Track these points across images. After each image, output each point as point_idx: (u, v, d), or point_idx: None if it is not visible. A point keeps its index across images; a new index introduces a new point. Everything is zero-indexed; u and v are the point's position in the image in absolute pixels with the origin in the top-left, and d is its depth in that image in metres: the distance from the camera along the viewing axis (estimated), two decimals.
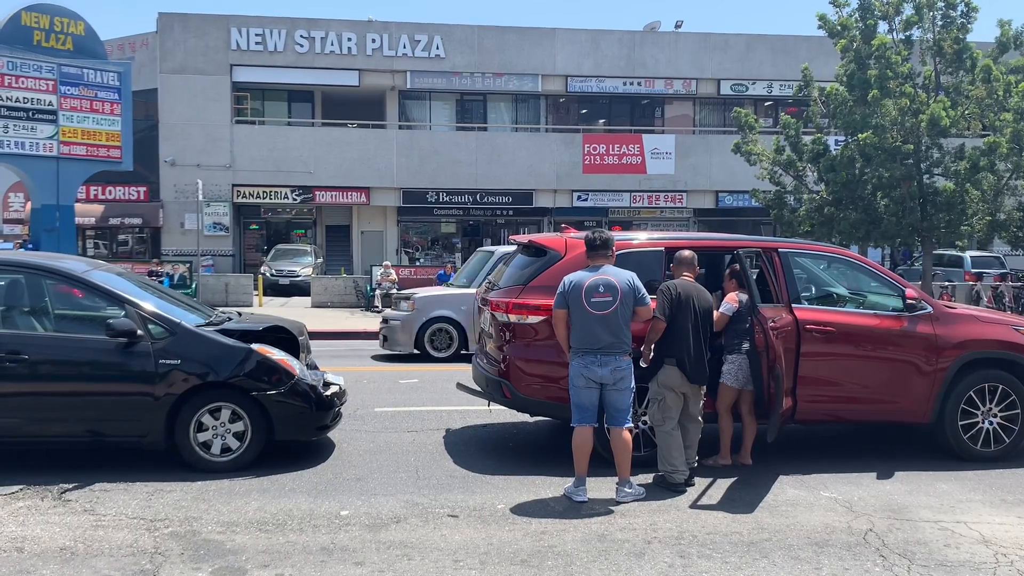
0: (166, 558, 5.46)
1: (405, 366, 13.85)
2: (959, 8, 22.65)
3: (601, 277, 6.72)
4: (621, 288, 6.66)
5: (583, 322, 6.65)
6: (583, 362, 6.67)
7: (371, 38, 34.89)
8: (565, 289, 6.75)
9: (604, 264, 6.86)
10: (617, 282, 6.69)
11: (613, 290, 6.64)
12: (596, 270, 6.80)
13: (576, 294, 6.67)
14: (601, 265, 6.84)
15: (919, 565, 5.50)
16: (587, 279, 6.72)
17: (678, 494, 6.84)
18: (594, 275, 6.74)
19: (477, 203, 35.84)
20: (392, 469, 7.57)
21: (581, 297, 6.64)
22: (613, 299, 6.62)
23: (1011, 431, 8.02)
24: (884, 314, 8.11)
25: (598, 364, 6.62)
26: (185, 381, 7.24)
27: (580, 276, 6.79)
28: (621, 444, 6.75)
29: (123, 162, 21.94)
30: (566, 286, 6.76)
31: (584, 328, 6.65)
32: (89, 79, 20.89)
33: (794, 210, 25.22)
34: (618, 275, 6.76)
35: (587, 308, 6.62)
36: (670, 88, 37.23)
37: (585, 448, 6.76)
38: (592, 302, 6.61)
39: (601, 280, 6.69)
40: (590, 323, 6.62)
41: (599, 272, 6.77)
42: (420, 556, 5.53)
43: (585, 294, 6.64)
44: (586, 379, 6.66)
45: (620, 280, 6.71)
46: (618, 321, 6.63)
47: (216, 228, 34.02)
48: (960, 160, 22.34)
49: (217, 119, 33.95)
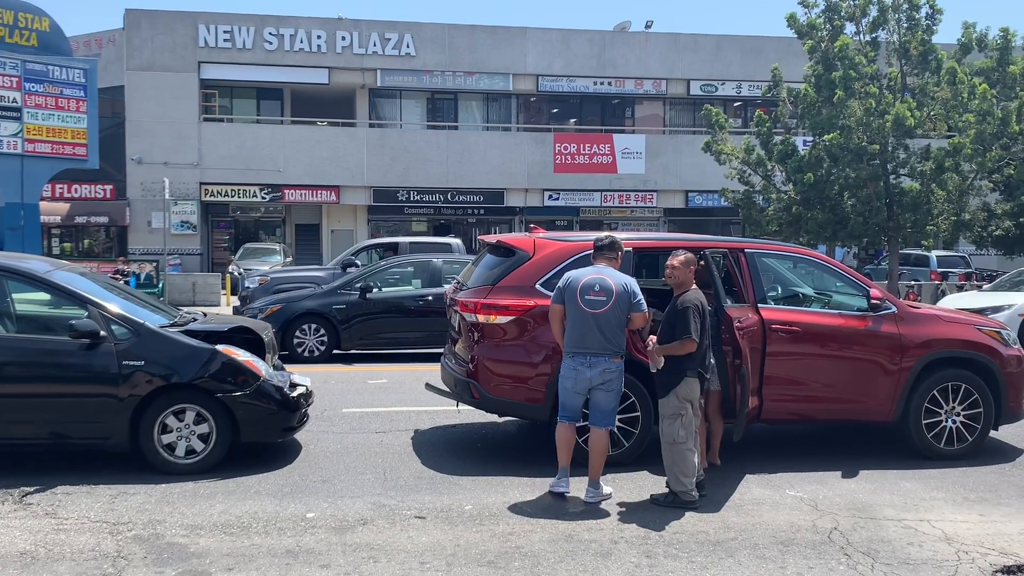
0: (129, 562, 5.41)
1: (374, 366, 13.79)
2: (924, 10, 22.93)
3: (598, 276, 6.74)
4: (616, 290, 6.64)
5: (576, 320, 6.66)
6: (573, 364, 6.69)
7: (341, 36, 34.72)
8: (563, 284, 6.77)
9: (605, 265, 6.89)
10: (613, 283, 6.68)
11: (608, 291, 6.64)
12: (595, 269, 6.85)
13: (572, 290, 6.68)
14: (602, 265, 6.89)
15: (882, 563, 5.55)
16: (584, 276, 6.76)
17: (696, 510, 6.55)
18: (592, 274, 6.78)
19: (448, 202, 35.77)
20: (359, 471, 7.54)
21: (576, 294, 6.66)
22: (607, 299, 6.61)
23: (974, 429, 8.12)
24: (849, 314, 8.18)
25: (587, 366, 6.62)
26: (149, 382, 7.16)
27: (579, 273, 6.82)
28: (599, 446, 6.77)
29: (89, 160, 21.67)
30: (564, 282, 6.79)
31: (577, 326, 6.66)
32: (54, 76, 20.61)
33: (763, 210, 25.42)
34: (615, 277, 6.77)
35: (581, 305, 6.63)
36: (640, 88, 37.35)
37: (568, 442, 6.83)
38: (586, 299, 6.63)
39: (598, 279, 6.71)
40: (583, 321, 6.63)
41: (598, 272, 6.81)
42: (386, 558, 5.51)
43: (580, 291, 6.65)
44: (574, 380, 6.69)
45: (616, 282, 6.70)
46: (611, 322, 6.62)
47: (184, 227, 33.71)
48: (925, 160, 22.60)
49: (185, 117, 33.64)
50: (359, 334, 14.55)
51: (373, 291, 14.74)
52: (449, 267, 15.27)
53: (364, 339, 14.67)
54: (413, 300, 14.78)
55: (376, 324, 14.66)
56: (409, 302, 14.78)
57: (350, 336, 14.49)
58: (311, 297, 14.95)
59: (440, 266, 15.30)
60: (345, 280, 15.35)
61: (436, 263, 15.49)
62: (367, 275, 15.29)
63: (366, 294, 14.56)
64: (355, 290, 14.66)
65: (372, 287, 14.78)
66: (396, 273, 15.57)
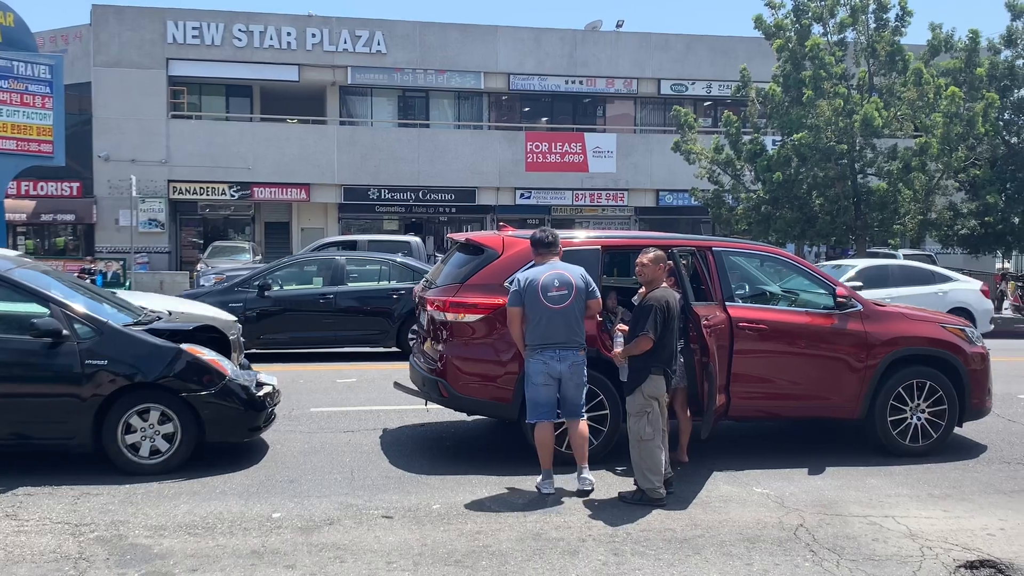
0: (91, 564, 5.33)
1: (343, 365, 13.70)
2: (892, 11, 23.15)
3: (555, 272, 6.80)
4: (575, 282, 6.77)
5: (541, 317, 6.69)
6: (543, 358, 6.71)
7: (311, 33, 34.49)
8: (520, 287, 6.76)
9: (554, 260, 6.93)
10: (571, 276, 6.79)
11: (568, 284, 6.74)
12: (548, 266, 6.86)
13: (532, 290, 6.70)
14: (551, 261, 6.92)
15: (848, 559, 5.59)
16: (542, 275, 6.78)
17: (663, 507, 6.55)
18: (548, 271, 6.81)
19: (420, 200, 35.64)
20: (327, 470, 7.49)
21: (538, 292, 6.69)
22: (568, 293, 6.71)
23: (938, 426, 8.20)
24: (816, 312, 8.24)
25: (557, 359, 6.70)
26: (112, 382, 7.07)
27: (534, 272, 6.83)
28: (580, 435, 6.89)
29: (55, 157, 21.37)
30: (521, 283, 6.77)
31: (542, 323, 6.69)
32: (19, 72, 20.32)
33: (732, 209, 25.58)
34: (570, 270, 6.88)
35: (545, 303, 6.67)
36: (611, 87, 37.41)
37: (549, 443, 6.85)
38: (549, 296, 6.68)
39: (556, 275, 6.78)
40: (548, 317, 6.67)
41: (552, 268, 6.84)
42: (353, 558, 5.48)
43: (542, 289, 6.69)
44: (546, 375, 6.71)
45: (573, 275, 6.82)
46: (575, 315, 6.73)
47: (151, 225, 33.35)
48: (893, 160, 22.84)
49: (153, 114, 33.26)
50: (257, 333, 13.92)
51: (273, 288, 14.31)
52: (355, 266, 15.03)
53: (264, 338, 14.10)
54: (315, 298, 14.45)
55: (275, 323, 14.20)
56: (310, 300, 14.44)
57: (247, 335, 13.63)
58: (207, 295, 14.35)
59: (343, 264, 14.97)
60: (244, 278, 15.01)
61: (339, 261, 15.13)
62: (266, 272, 14.88)
63: (264, 292, 14.13)
64: (253, 288, 14.24)
65: (271, 285, 14.33)
66: (298, 271, 15.29)
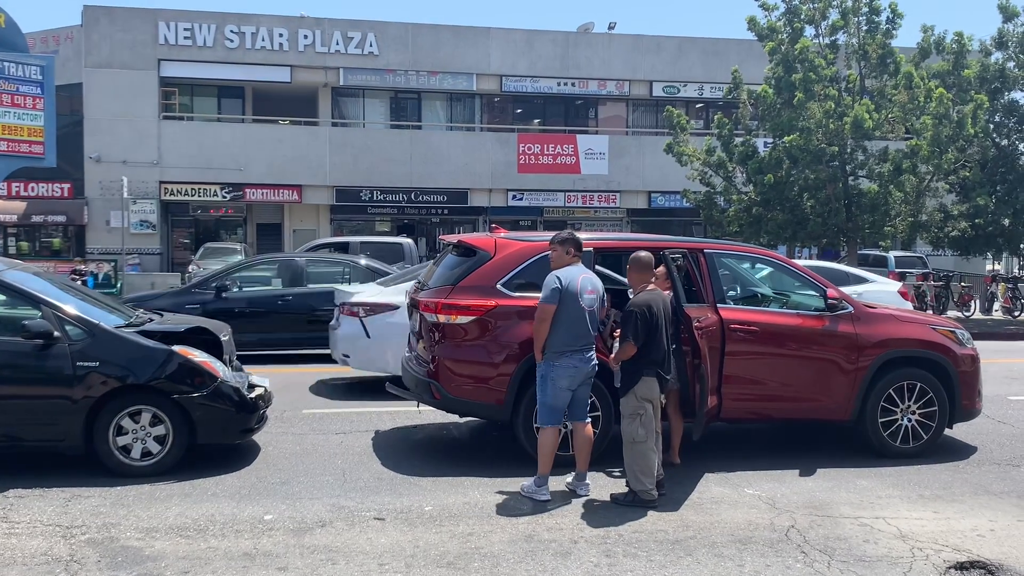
0: (82, 566, 5.32)
1: (335, 368, 13.64)
2: (884, 14, 23.23)
3: (587, 276, 6.92)
4: (600, 288, 6.94)
5: (577, 318, 6.70)
6: (571, 362, 6.70)
7: (303, 34, 34.46)
8: (561, 285, 6.69)
9: (581, 265, 7.01)
10: (597, 281, 6.97)
11: (597, 289, 6.89)
12: (579, 269, 6.94)
13: (572, 291, 6.71)
14: (580, 266, 6.99)
15: (839, 561, 5.60)
16: (578, 276, 6.82)
17: (655, 509, 6.56)
18: (581, 273, 6.89)
19: (412, 202, 35.63)
20: (319, 472, 7.48)
21: (578, 294, 6.72)
22: (596, 297, 6.84)
23: (929, 428, 8.23)
24: (807, 314, 8.26)
25: (586, 361, 6.78)
26: (104, 384, 7.07)
27: (572, 273, 6.82)
28: (586, 439, 6.91)
29: (46, 158, 21.24)
30: (563, 282, 6.70)
31: (576, 324, 6.70)
32: (10, 73, 20.20)
33: (724, 211, 25.60)
34: (593, 275, 7.04)
35: (583, 305, 6.72)
36: (603, 89, 37.45)
37: (554, 448, 6.85)
38: (585, 298, 6.75)
39: (588, 279, 6.89)
40: (582, 319, 6.72)
41: (582, 271, 6.94)
42: (345, 560, 5.48)
43: (580, 291, 6.74)
44: (572, 379, 6.72)
45: (596, 280, 6.99)
46: (596, 318, 6.87)
47: (143, 226, 33.27)
48: (884, 162, 22.89)
49: (144, 115, 33.19)
50: None
51: (231, 290, 14.16)
52: (315, 268, 14.96)
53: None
54: (273, 300, 14.26)
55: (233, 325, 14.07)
56: (269, 301, 14.24)
57: None
58: (164, 296, 14.28)
59: (303, 265, 14.89)
60: (201, 279, 14.88)
61: (299, 262, 15.06)
62: (224, 274, 14.70)
63: (222, 293, 13.96)
64: (210, 289, 14.06)
65: (228, 286, 14.18)
66: (256, 272, 15.17)
